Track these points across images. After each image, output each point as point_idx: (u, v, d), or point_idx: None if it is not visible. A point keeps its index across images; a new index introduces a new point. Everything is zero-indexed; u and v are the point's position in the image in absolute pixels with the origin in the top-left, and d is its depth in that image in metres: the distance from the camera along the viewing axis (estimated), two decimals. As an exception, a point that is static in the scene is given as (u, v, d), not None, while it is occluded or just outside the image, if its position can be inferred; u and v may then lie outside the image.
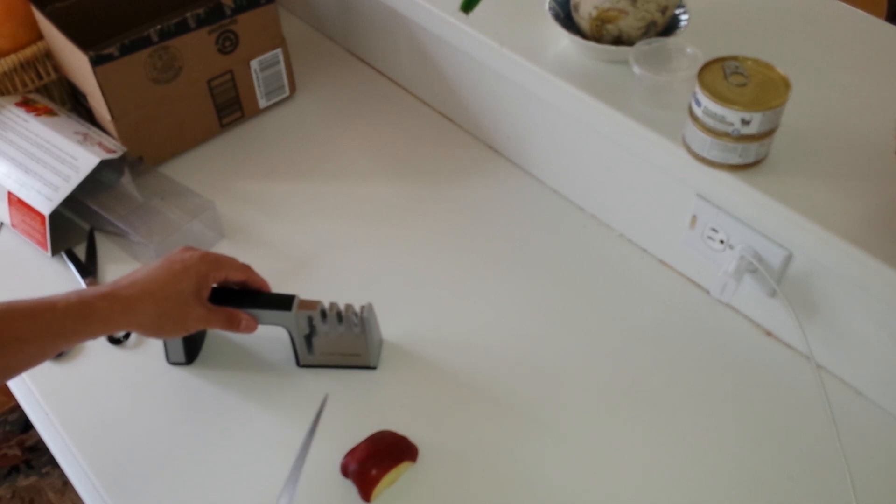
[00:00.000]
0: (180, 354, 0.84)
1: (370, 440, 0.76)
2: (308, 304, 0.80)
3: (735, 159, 0.76)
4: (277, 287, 0.83)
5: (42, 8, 1.00)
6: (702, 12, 0.92)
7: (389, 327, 0.86)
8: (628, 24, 0.85)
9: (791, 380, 0.83)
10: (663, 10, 0.85)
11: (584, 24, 0.88)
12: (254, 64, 1.09)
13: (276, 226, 1.00)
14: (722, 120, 0.73)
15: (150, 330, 0.75)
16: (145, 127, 1.03)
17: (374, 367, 0.84)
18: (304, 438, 0.76)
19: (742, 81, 0.75)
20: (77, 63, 0.98)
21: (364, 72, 1.23)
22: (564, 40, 0.92)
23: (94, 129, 1.01)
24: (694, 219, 0.86)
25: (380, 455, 0.74)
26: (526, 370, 0.84)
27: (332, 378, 0.83)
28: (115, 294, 0.72)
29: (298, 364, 0.84)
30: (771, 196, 0.75)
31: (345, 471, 0.75)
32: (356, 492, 0.74)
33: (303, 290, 0.82)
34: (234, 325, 0.78)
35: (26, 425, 1.75)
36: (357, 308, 0.80)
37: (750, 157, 0.76)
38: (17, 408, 1.77)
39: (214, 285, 0.79)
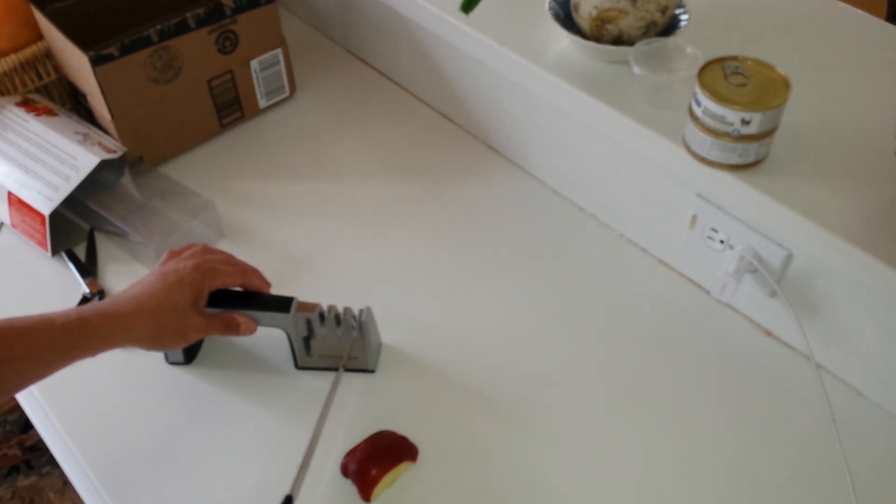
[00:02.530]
0: (179, 355, 0.84)
1: (370, 440, 0.76)
2: (306, 307, 0.79)
3: (735, 159, 0.76)
4: (277, 287, 0.83)
5: (42, 8, 1.00)
6: (702, 12, 0.92)
7: (389, 326, 0.86)
8: (628, 24, 0.85)
9: (791, 380, 0.83)
10: (663, 10, 0.85)
11: (584, 24, 0.88)
12: (254, 64, 1.09)
13: (276, 226, 1.00)
14: (722, 120, 0.73)
15: (150, 344, 0.75)
16: (145, 127, 1.03)
17: (372, 371, 0.84)
18: (320, 414, 0.76)
19: (742, 81, 0.75)
20: (77, 63, 0.98)
21: (364, 72, 1.23)
22: (564, 40, 0.92)
23: (94, 129, 1.01)
24: (694, 219, 0.86)
25: (380, 455, 0.74)
26: (525, 370, 0.84)
27: (330, 378, 0.83)
28: (112, 311, 0.72)
29: (297, 366, 0.84)
30: (771, 196, 0.75)
31: (345, 471, 0.75)
32: (356, 492, 0.74)
33: (302, 290, 0.82)
34: (232, 330, 0.78)
35: (26, 425, 1.75)
36: (356, 311, 0.80)
37: (750, 157, 0.76)
38: (17, 408, 1.77)
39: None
